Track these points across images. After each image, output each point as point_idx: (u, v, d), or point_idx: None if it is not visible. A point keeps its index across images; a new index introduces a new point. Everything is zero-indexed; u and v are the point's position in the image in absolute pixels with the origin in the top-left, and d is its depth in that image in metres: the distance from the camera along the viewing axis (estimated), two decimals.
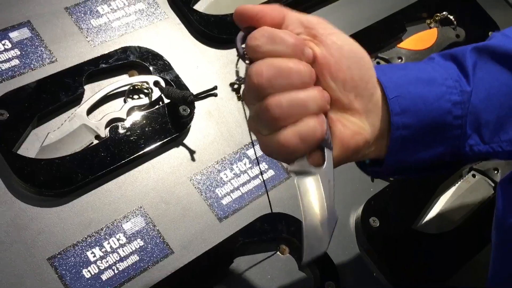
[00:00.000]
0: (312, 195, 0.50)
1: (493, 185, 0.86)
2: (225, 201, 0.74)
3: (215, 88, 0.77)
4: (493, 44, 0.59)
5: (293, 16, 0.52)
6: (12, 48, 0.73)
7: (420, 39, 0.94)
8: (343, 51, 0.51)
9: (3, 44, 0.73)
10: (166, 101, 0.76)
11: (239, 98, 0.52)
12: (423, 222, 0.81)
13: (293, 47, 0.49)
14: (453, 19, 0.97)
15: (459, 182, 0.85)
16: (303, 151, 0.49)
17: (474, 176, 0.86)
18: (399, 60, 0.89)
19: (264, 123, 0.48)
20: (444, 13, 0.98)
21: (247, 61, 0.49)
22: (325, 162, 0.50)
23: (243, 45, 0.49)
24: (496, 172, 0.86)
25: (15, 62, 0.73)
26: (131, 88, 0.76)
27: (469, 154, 0.56)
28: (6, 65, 0.72)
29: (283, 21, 0.51)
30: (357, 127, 0.52)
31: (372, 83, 0.53)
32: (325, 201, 0.49)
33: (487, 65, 0.57)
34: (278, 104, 0.47)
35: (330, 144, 0.50)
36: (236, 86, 0.51)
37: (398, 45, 0.92)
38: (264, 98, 0.48)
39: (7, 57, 0.73)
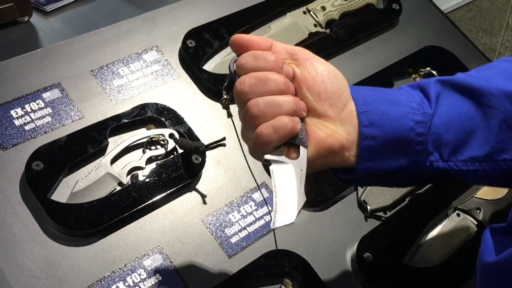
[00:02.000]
0: (284, 179, 0.58)
1: (476, 223, 0.93)
2: (233, 240, 0.81)
3: (223, 139, 0.86)
4: (456, 78, 0.67)
5: (280, 45, 0.63)
6: (45, 107, 0.82)
7: None
8: (318, 69, 0.62)
9: (37, 104, 0.82)
10: (180, 151, 0.84)
11: (229, 115, 0.64)
12: (413, 257, 0.88)
13: (273, 63, 0.60)
14: (436, 74, 1.08)
15: (445, 221, 0.93)
16: (276, 141, 0.59)
17: (458, 215, 0.94)
18: None
19: (247, 123, 0.60)
20: (427, 68, 1.08)
21: (236, 77, 0.60)
22: (299, 157, 0.59)
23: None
24: (478, 211, 0.94)
25: (48, 119, 0.82)
26: (149, 140, 0.84)
27: (429, 169, 0.64)
28: (40, 122, 0.81)
29: (270, 49, 0.62)
30: (331, 130, 0.61)
31: (345, 96, 0.63)
32: (296, 184, 0.58)
33: (450, 94, 0.65)
34: (256, 103, 0.59)
35: (305, 143, 0.60)
36: (224, 101, 0.63)
37: None
38: (247, 102, 0.59)
39: (41, 115, 0.82)
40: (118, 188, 0.79)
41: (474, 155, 0.64)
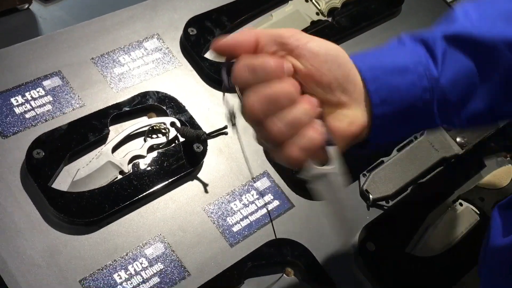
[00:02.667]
0: (329, 193, 0.57)
1: (478, 212, 0.93)
2: (235, 229, 0.81)
3: (225, 127, 0.86)
4: (460, 32, 0.64)
5: (266, 36, 0.57)
6: (45, 95, 0.82)
7: None
8: (320, 57, 0.56)
9: (38, 92, 0.82)
10: (182, 139, 0.84)
11: (233, 125, 0.60)
12: (415, 246, 0.88)
13: (273, 71, 0.54)
14: None
15: (448, 210, 0.93)
16: (307, 158, 0.56)
17: (461, 204, 0.94)
18: None
19: (268, 142, 0.56)
20: None
21: (238, 93, 0.55)
22: (332, 160, 0.56)
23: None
24: (481, 201, 0.94)
25: (48, 107, 0.81)
26: (150, 128, 0.83)
27: (435, 126, 0.65)
28: (40, 110, 0.81)
29: (257, 43, 0.56)
30: (350, 118, 0.59)
31: (352, 73, 0.59)
32: (341, 194, 0.57)
33: (455, 52, 0.63)
34: (277, 127, 0.54)
35: (331, 141, 0.56)
36: (229, 117, 0.58)
37: None
38: (262, 123, 0.55)
39: (41, 103, 0.81)
40: (120, 176, 0.79)
41: (477, 110, 0.63)
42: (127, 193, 0.77)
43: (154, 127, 0.84)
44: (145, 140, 0.83)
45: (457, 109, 0.64)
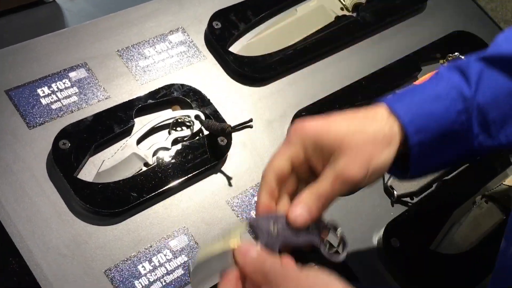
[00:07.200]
0: None
1: (504, 210, 0.92)
2: None
3: (250, 120, 0.85)
4: (497, 52, 0.65)
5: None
6: (71, 86, 0.82)
7: None
8: None
9: (64, 83, 0.82)
10: (206, 132, 0.84)
11: None
12: (440, 243, 0.87)
13: None
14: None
15: (473, 208, 0.92)
16: None
17: (486, 202, 0.92)
18: None
19: None
20: (456, 53, 1.06)
21: None
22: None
23: None
24: (506, 198, 0.93)
25: (74, 98, 0.82)
26: (175, 121, 0.83)
27: (479, 150, 0.64)
28: (66, 101, 0.81)
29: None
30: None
31: None
32: None
33: (492, 71, 0.64)
34: None
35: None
36: None
37: (414, 83, 1.00)
38: None
39: (67, 94, 0.82)
40: (144, 168, 0.79)
41: None
42: (151, 185, 0.77)
43: (179, 120, 0.84)
44: (169, 133, 0.83)
45: (502, 126, 0.64)
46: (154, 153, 0.80)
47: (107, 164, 0.77)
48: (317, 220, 0.59)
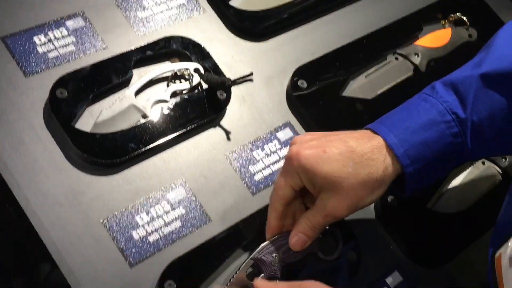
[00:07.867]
0: None
1: (500, 171, 0.92)
2: (257, 177, 0.80)
3: (251, 74, 0.84)
4: (494, 69, 0.66)
5: None
6: (68, 36, 0.80)
7: (436, 37, 1.01)
8: None
9: (61, 32, 0.80)
10: (205, 86, 0.83)
11: None
12: (437, 202, 0.87)
13: None
14: (466, 20, 1.04)
15: (470, 168, 0.91)
16: None
17: (483, 163, 0.92)
18: (416, 56, 0.97)
19: None
20: (457, 14, 1.05)
21: None
22: None
23: None
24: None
25: (71, 48, 0.80)
26: (174, 74, 0.82)
27: (472, 159, 0.69)
28: (63, 50, 0.79)
29: None
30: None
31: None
32: None
33: (487, 91, 0.65)
34: None
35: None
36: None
37: (415, 43, 0.99)
38: None
39: (64, 43, 0.80)
40: (142, 120, 0.78)
41: None
42: (149, 137, 0.76)
43: (178, 73, 0.82)
44: (168, 85, 0.82)
45: (497, 139, 0.66)
46: (152, 105, 0.79)
47: (105, 114, 0.76)
48: None
